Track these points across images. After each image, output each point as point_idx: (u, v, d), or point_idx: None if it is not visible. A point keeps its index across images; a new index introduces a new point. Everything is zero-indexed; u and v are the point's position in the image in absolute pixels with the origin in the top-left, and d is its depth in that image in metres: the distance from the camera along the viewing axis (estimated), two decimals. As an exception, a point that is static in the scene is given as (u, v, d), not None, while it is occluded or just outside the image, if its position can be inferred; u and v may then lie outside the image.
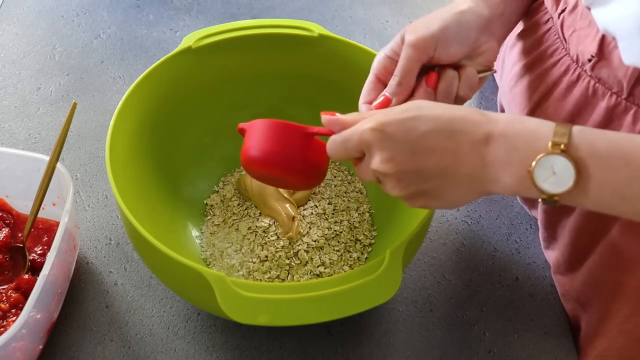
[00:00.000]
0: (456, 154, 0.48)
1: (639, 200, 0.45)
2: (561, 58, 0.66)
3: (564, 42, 0.66)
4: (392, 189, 0.51)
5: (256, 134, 0.58)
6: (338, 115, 0.54)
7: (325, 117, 0.55)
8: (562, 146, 0.46)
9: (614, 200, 0.46)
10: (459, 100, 0.61)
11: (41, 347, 0.65)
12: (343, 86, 0.76)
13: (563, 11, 0.66)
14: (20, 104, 0.90)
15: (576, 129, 0.46)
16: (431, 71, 0.60)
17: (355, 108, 0.66)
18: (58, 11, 1.03)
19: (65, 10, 1.03)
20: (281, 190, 0.73)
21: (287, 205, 0.72)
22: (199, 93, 0.76)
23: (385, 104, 0.59)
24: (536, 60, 0.70)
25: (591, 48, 0.61)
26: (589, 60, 0.62)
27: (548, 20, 0.70)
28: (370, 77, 0.62)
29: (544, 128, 0.47)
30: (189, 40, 0.72)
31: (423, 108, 0.50)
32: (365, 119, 0.51)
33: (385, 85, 0.61)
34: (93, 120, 0.88)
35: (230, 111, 0.78)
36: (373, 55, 0.72)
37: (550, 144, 0.46)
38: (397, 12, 1.05)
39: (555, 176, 0.46)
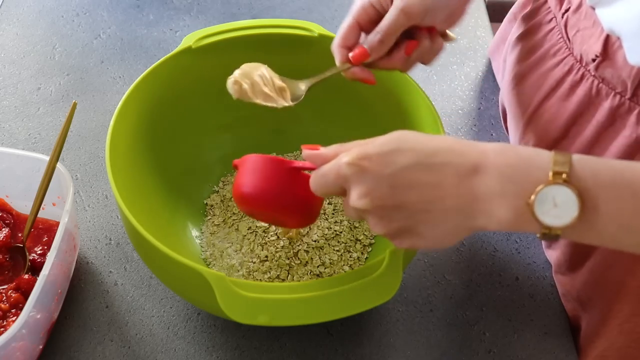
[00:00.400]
0: (440, 188, 0.45)
1: None
2: (564, 58, 0.66)
3: (567, 41, 0.66)
4: (374, 226, 0.48)
5: (246, 171, 0.59)
6: (320, 150, 0.52)
7: (305, 152, 0.53)
8: (563, 176, 0.42)
9: (621, 233, 0.43)
10: (420, 62, 0.62)
11: (41, 347, 0.65)
12: (343, 86, 0.76)
13: (567, 11, 0.65)
14: (20, 104, 0.90)
15: (576, 157, 0.44)
16: (411, 39, 0.60)
17: (355, 109, 0.67)
18: (58, 11, 1.03)
19: (65, 10, 1.03)
20: None
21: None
22: (199, 93, 0.76)
23: (363, 56, 0.59)
24: (539, 60, 0.70)
25: (595, 48, 0.61)
26: (593, 60, 0.61)
27: (551, 19, 0.69)
28: (350, 21, 0.60)
29: (541, 157, 0.44)
30: (189, 40, 0.72)
31: (405, 141, 0.47)
32: (344, 153, 0.49)
33: (362, 31, 0.60)
34: (93, 120, 0.88)
35: (230, 111, 0.78)
36: (373, 55, 0.72)
37: (550, 173, 0.43)
38: (397, 12, 1.05)
39: (557, 208, 0.42)
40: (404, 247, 0.49)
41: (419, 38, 0.60)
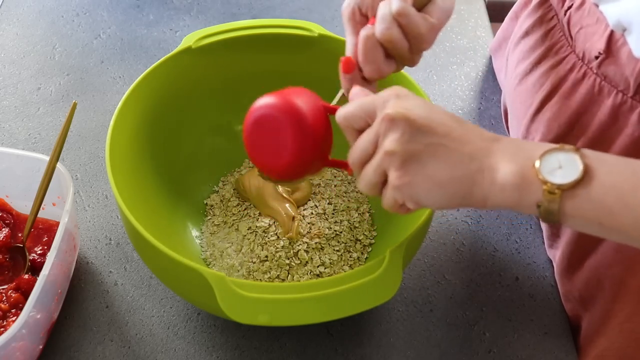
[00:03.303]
0: (463, 136, 0.47)
1: None
2: (567, 56, 0.66)
3: (569, 39, 0.66)
4: (392, 141, 0.47)
5: (279, 92, 0.55)
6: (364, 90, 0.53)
7: (355, 89, 0.53)
8: (572, 146, 0.45)
9: (618, 206, 0.44)
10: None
11: (41, 347, 0.65)
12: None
13: (569, 8, 0.65)
14: (20, 104, 0.90)
15: (584, 149, 0.46)
16: None
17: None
18: (58, 11, 1.03)
19: (65, 10, 1.03)
20: (280, 190, 0.73)
21: (287, 205, 0.72)
22: (199, 93, 0.76)
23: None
24: (541, 58, 0.70)
25: (598, 45, 0.61)
26: (596, 58, 0.61)
27: (553, 17, 0.69)
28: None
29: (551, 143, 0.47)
30: (189, 40, 0.72)
31: (436, 112, 0.50)
32: (384, 103, 0.49)
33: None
34: (93, 120, 0.88)
35: (230, 111, 0.78)
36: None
37: (559, 146, 0.45)
38: (397, 12, 1.05)
39: (562, 170, 0.44)
40: (399, 186, 0.48)
41: None
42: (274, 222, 0.72)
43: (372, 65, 0.55)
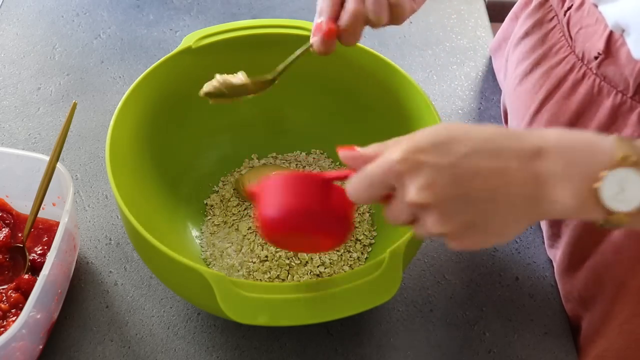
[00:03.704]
0: (504, 174, 0.42)
1: None
2: (566, 56, 0.66)
3: (569, 39, 0.66)
4: (434, 223, 0.43)
5: (272, 193, 0.51)
6: (358, 150, 0.47)
7: (343, 153, 0.48)
8: (633, 158, 0.41)
9: None
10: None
11: (41, 347, 0.65)
12: (343, 86, 0.76)
13: (569, 8, 0.65)
14: (20, 104, 0.90)
15: (638, 141, 0.42)
16: None
17: (355, 109, 0.67)
18: (58, 11, 1.03)
19: (65, 10, 1.03)
20: None
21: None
22: (199, 93, 0.76)
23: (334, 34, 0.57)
24: (541, 58, 0.70)
25: (598, 45, 0.61)
26: (595, 58, 0.61)
27: (553, 18, 0.69)
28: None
29: (603, 140, 0.42)
30: (189, 40, 0.72)
31: (454, 130, 0.44)
32: (390, 149, 0.45)
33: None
34: (93, 120, 0.88)
35: (230, 111, 0.77)
36: (373, 55, 0.72)
37: (619, 155, 0.41)
38: (397, 12, 1.05)
39: (624, 193, 0.41)
40: (464, 247, 0.45)
41: None
42: (274, 222, 0.72)
43: (354, 35, 0.57)
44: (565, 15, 0.66)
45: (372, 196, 0.46)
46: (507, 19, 0.86)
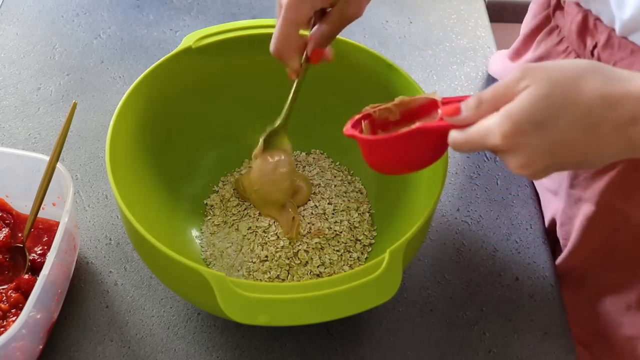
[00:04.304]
0: (598, 143, 0.45)
1: None
2: None
3: None
4: (520, 171, 0.47)
5: (375, 151, 0.57)
6: (461, 114, 0.50)
7: (448, 118, 0.51)
8: None
9: None
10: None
11: (41, 347, 0.65)
12: (343, 86, 0.76)
13: (594, 48, 0.64)
14: (20, 104, 0.90)
15: None
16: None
17: (355, 108, 0.66)
18: (58, 11, 1.03)
19: (65, 10, 1.03)
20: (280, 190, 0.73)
21: (287, 205, 0.72)
22: (199, 93, 0.76)
23: (321, 55, 0.64)
24: None
25: None
26: None
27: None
28: (289, 25, 0.61)
29: None
30: (189, 40, 0.72)
31: (553, 98, 0.45)
32: (493, 122, 0.47)
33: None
34: (93, 120, 0.88)
35: (230, 111, 0.78)
36: (373, 55, 0.72)
37: None
38: (397, 12, 1.05)
39: None
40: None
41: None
42: (274, 222, 0.72)
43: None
44: (593, 55, 0.65)
45: (469, 152, 0.53)
46: (502, 58, 0.86)
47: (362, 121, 0.59)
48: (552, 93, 0.45)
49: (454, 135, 0.50)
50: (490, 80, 0.94)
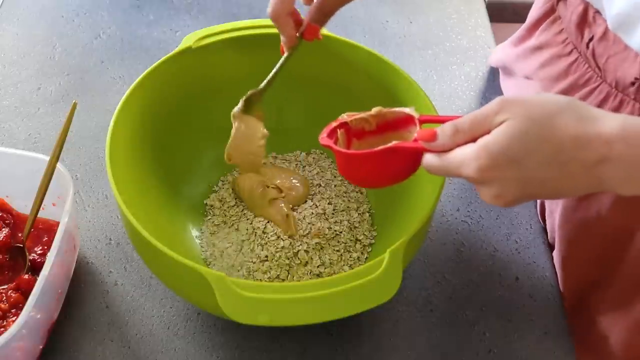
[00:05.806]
0: (568, 179, 0.47)
1: None
2: (597, 86, 0.65)
3: (597, 70, 0.64)
4: (493, 202, 0.50)
5: (350, 165, 0.58)
6: (437, 140, 0.50)
7: (424, 144, 0.51)
8: None
9: None
10: None
11: (41, 347, 0.65)
12: (343, 86, 0.76)
13: (590, 40, 0.64)
14: (20, 104, 0.90)
15: None
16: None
17: (355, 108, 0.66)
18: (58, 11, 1.03)
19: (65, 11, 1.03)
20: (271, 189, 0.73)
21: (280, 204, 0.72)
22: (199, 93, 0.76)
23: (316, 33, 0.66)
24: (566, 91, 0.68)
25: (632, 71, 0.60)
26: (632, 84, 0.60)
27: (571, 51, 0.68)
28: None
29: None
30: (189, 40, 0.72)
31: (527, 135, 0.46)
32: (469, 154, 0.48)
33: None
34: (93, 120, 0.88)
35: (230, 111, 0.78)
36: (373, 55, 0.72)
37: None
38: (397, 12, 1.05)
39: None
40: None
41: None
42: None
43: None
44: (588, 47, 0.65)
45: (443, 175, 0.54)
46: (507, 46, 0.86)
47: (338, 130, 0.60)
48: (528, 131, 0.46)
49: (429, 159, 0.51)
50: (490, 80, 0.94)
